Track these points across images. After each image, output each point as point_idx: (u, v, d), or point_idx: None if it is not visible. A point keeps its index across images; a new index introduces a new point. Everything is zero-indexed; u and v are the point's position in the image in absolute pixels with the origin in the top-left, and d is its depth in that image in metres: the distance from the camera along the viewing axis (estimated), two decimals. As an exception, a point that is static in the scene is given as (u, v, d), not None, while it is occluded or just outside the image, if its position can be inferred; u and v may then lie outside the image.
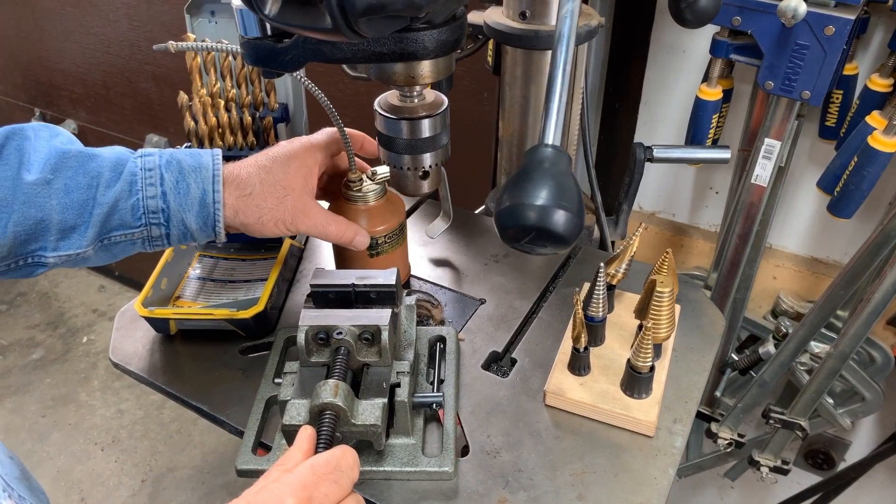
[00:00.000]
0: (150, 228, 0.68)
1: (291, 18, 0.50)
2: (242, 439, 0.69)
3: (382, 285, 0.67)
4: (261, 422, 0.71)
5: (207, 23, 0.89)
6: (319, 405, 0.58)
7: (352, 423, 0.59)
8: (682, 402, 0.72)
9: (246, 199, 0.69)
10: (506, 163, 1.03)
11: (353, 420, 0.59)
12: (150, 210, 0.67)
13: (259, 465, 0.66)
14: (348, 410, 0.58)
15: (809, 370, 1.26)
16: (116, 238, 0.68)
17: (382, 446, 0.63)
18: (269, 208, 0.70)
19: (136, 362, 0.79)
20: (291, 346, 0.79)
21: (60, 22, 1.95)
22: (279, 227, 0.71)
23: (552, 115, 0.47)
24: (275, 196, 0.70)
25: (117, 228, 0.67)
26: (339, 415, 0.58)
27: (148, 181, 0.67)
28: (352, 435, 0.61)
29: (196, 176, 0.68)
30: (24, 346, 2.41)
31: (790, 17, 0.87)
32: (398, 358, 0.68)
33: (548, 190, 0.43)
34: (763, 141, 1.03)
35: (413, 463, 0.65)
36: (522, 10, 0.87)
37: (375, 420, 0.60)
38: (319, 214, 0.73)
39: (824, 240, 1.28)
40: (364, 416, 0.60)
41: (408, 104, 0.67)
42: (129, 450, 2.06)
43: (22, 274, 0.67)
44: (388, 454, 0.65)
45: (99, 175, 0.66)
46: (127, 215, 0.67)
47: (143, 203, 0.67)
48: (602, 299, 0.72)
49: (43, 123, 0.68)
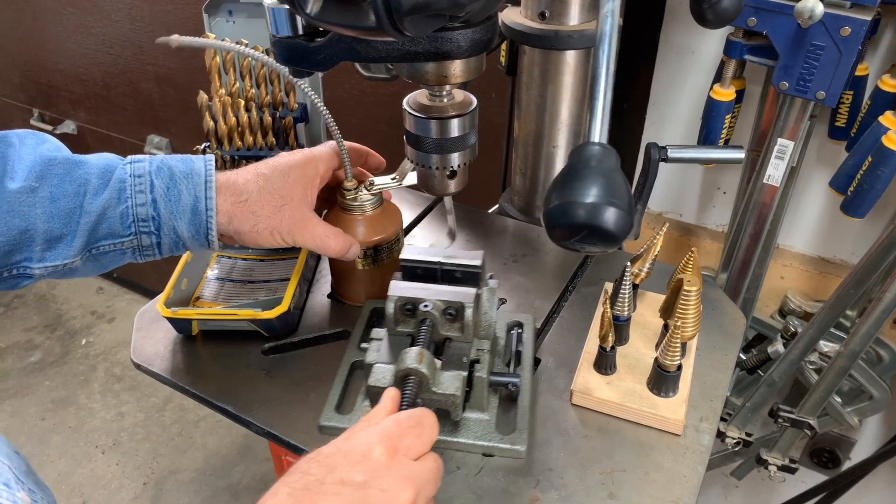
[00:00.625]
0: (140, 237, 0.66)
1: (333, 17, 0.50)
2: (328, 398, 0.72)
3: (468, 265, 0.70)
4: (345, 383, 0.74)
5: (225, 22, 0.89)
6: (404, 370, 0.60)
7: (433, 390, 0.62)
8: (707, 400, 0.72)
9: (241, 205, 0.67)
10: (521, 163, 1.04)
11: (434, 388, 0.62)
12: (139, 218, 0.65)
13: (341, 423, 0.69)
14: (430, 378, 0.61)
15: (818, 369, 1.27)
16: (105, 247, 0.66)
17: (459, 417, 0.66)
18: (265, 216, 0.68)
19: (159, 363, 0.78)
20: (377, 316, 0.82)
21: (61, 22, 1.93)
22: (275, 236, 0.70)
23: (597, 113, 0.47)
24: (272, 204, 0.68)
25: (106, 237, 0.65)
26: (421, 381, 0.61)
27: (137, 188, 0.65)
28: (431, 403, 0.63)
29: (188, 182, 0.66)
30: (23, 348, 2.39)
31: (807, 17, 0.88)
32: (478, 336, 0.70)
33: (598, 187, 0.43)
34: (776, 141, 1.04)
35: (487, 437, 0.67)
36: (542, 10, 0.87)
37: (455, 390, 0.62)
38: (318, 226, 0.72)
39: (832, 239, 1.29)
40: (445, 386, 0.62)
41: (437, 103, 0.67)
42: (130, 452, 2.04)
43: (7, 286, 0.65)
44: (463, 426, 0.68)
45: (86, 182, 0.64)
46: (116, 224, 0.65)
47: (133, 211, 0.65)
48: (628, 298, 0.73)
49: (30, 130, 0.66)
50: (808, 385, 1.27)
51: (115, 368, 2.31)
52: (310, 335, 0.82)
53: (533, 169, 1.01)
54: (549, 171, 1.00)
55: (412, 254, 0.71)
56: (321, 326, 0.83)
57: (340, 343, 0.81)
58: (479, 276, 0.70)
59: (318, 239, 0.72)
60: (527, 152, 1.01)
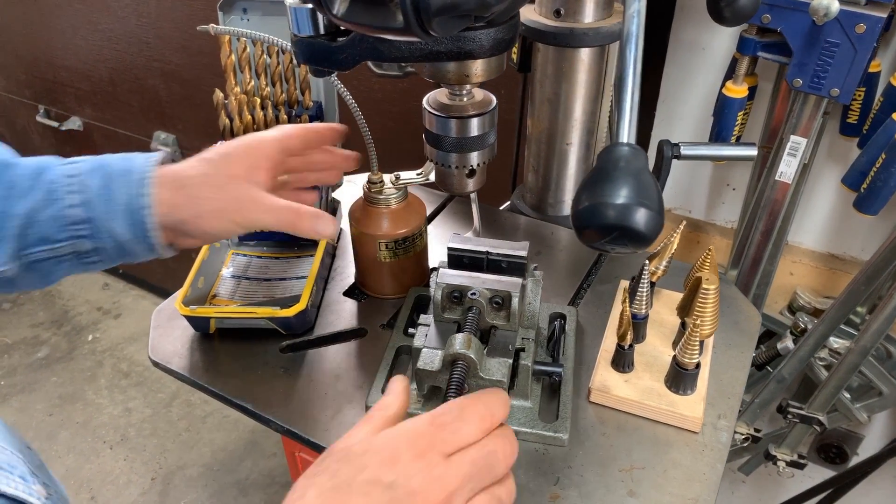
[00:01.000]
0: (76, 242, 0.61)
1: (360, 17, 0.50)
2: (374, 380, 0.74)
3: (514, 256, 0.71)
4: (391, 367, 0.75)
5: (240, 20, 0.89)
6: (453, 354, 0.62)
7: (480, 376, 0.63)
8: (724, 397, 0.73)
9: (181, 192, 0.62)
10: (534, 160, 1.04)
11: (482, 374, 0.63)
12: (72, 221, 0.60)
13: None
14: (478, 363, 0.62)
15: (828, 365, 1.27)
16: (39, 255, 0.61)
17: None
18: (208, 198, 0.63)
19: (177, 361, 0.78)
20: (421, 303, 0.85)
21: (67, 18, 1.93)
22: (222, 219, 0.64)
23: (625, 113, 0.47)
24: (214, 185, 0.63)
25: (38, 243, 0.60)
26: (469, 366, 0.62)
27: (70, 188, 0.60)
28: (478, 388, 0.64)
29: (123, 180, 0.61)
30: (29, 344, 2.40)
31: (822, 15, 0.88)
32: (523, 325, 0.72)
33: (628, 188, 0.43)
34: (788, 138, 1.04)
35: (530, 425, 0.69)
36: (557, 7, 0.87)
37: (502, 377, 0.63)
38: (271, 200, 0.65)
39: (841, 236, 1.30)
40: (492, 372, 0.64)
41: (457, 102, 0.67)
42: (137, 448, 2.05)
43: None
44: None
45: (13, 184, 0.59)
46: (48, 228, 0.60)
47: (64, 213, 0.60)
48: (646, 296, 0.73)
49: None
50: (818, 381, 1.28)
51: (121, 364, 2.31)
52: (326, 332, 0.82)
53: (546, 166, 1.01)
54: (563, 168, 1.01)
55: (458, 242, 0.73)
56: (337, 324, 0.84)
57: (357, 341, 0.82)
58: (525, 266, 0.72)
59: (276, 212, 0.65)
60: (540, 149, 1.01)
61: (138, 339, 2.39)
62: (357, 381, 0.76)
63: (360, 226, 0.82)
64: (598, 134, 1.01)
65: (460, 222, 1.03)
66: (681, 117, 1.33)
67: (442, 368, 0.64)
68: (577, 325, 0.81)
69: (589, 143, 0.99)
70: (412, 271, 0.86)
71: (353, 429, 0.50)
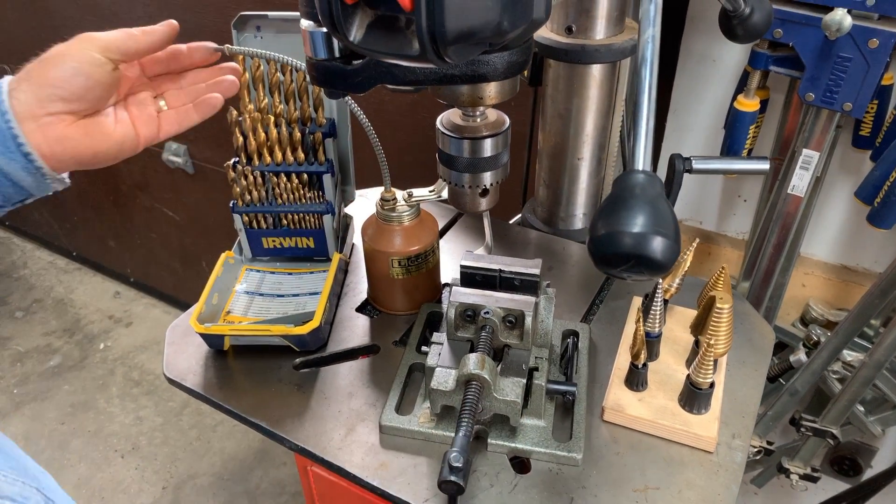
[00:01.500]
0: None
1: (377, 45, 0.50)
2: (387, 398, 0.74)
3: (527, 274, 0.72)
4: (404, 385, 0.75)
5: (253, 38, 0.89)
6: (467, 374, 0.62)
7: (494, 396, 0.64)
8: (739, 416, 0.72)
9: (25, 79, 0.60)
10: (545, 174, 1.04)
11: (496, 394, 0.64)
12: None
13: (401, 424, 0.71)
14: (492, 383, 0.63)
15: (841, 378, 1.27)
16: None
17: (518, 423, 0.67)
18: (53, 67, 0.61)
19: (192, 378, 0.79)
20: (434, 319, 0.85)
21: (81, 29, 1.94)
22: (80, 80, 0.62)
23: (641, 140, 0.47)
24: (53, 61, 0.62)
25: None
26: (483, 386, 0.62)
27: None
28: (491, 408, 0.65)
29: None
30: (42, 352, 2.41)
31: (835, 30, 0.88)
32: (536, 344, 0.72)
33: (644, 216, 0.43)
34: (801, 152, 1.04)
35: (544, 444, 0.69)
36: (569, 24, 0.87)
37: (516, 397, 0.64)
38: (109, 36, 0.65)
39: (854, 248, 1.29)
40: (505, 392, 0.64)
41: (470, 123, 0.67)
42: (149, 457, 2.06)
43: None
44: (521, 432, 0.69)
45: None
46: None
47: None
48: (660, 314, 0.73)
49: None
50: (831, 394, 1.27)
51: (132, 373, 2.32)
52: (339, 349, 0.82)
53: (557, 181, 1.02)
54: (574, 183, 1.01)
55: (471, 260, 0.73)
56: (350, 340, 0.84)
57: (370, 357, 0.82)
58: (538, 284, 0.72)
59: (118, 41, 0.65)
60: (551, 164, 1.01)
61: (149, 347, 2.40)
62: (370, 399, 0.76)
63: (372, 242, 0.83)
64: (610, 149, 1.01)
65: (472, 237, 1.03)
66: (691, 128, 1.33)
67: (456, 388, 0.64)
68: (590, 343, 0.81)
69: (600, 157, 1.00)
70: (424, 287, 0.87)
71: None
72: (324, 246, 0.91)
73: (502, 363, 0.69)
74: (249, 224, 0.89)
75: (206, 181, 2.08)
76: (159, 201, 2.29)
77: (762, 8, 0.76)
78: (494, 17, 0.46)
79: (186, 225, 2.28)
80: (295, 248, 0.91)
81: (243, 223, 0.89)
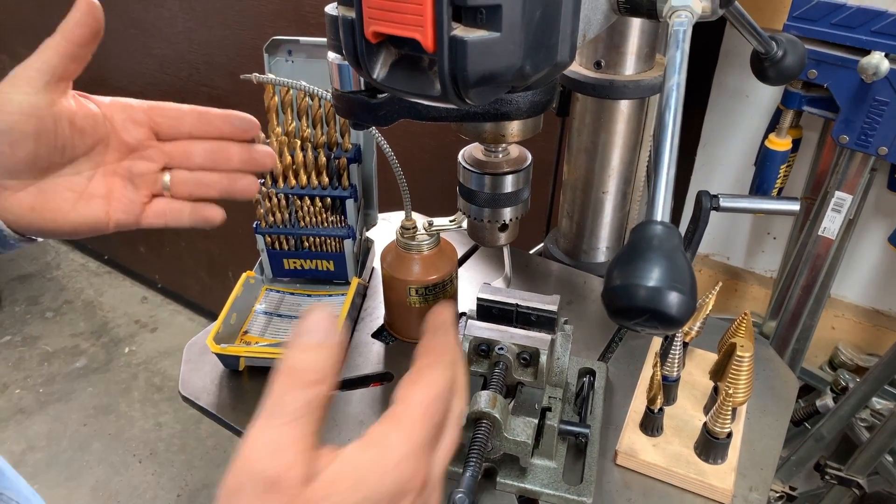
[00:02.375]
0: None
1: (399, 84, 0.50)
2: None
3: (544, 310, 0.71)
4: None
5: (284, 62, 0.91)
6: (477, 412, 0.61)
7: (504, 436, 0.63)
8: (757, 468, 0.70)
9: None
10: (569, 206, 1.03)
11: (506, 434, 0.63)
12: None
13: None
14: (503, 423, 0.62)
15: (870, 426, 1.23)
16: None
17: (528, 465, 0.66)
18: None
19: (206, 398, 0.80)
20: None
21: (122, 42, 2.01)
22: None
23: (660, 190, 0.46)
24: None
25: None
26: (493, 425, 0.62)
27: None
28: (501, 447, 0.64)
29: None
30: (69, 353, 2.46)
31: (871, 73, 0.86)
32: (550, 383, 0.71)
33: (660, 269, 0.42)
34: (833, 194, 1.02)
35: (554, 486, 0.67)
36: (598, 59, 0.87)
37: (527, 438, 0.63)
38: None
39: (887, 291, 1.25)
40: (516, 433, 0.63)
41: (492, 159, 0.67)
42: (165, 463, 2.08)
43: None
44: (531, 473, 0.68)
45: None
46: None
47: None
48: (678, 358, 0.71)
49: None
50: (858, 442, 1.23)
51: (155, 378, 2.36)
52: (353, 375, 0.82)
53: (581, 213, 1.01)
54: (598, 216, 1.00)
55: (488, 293, 0.73)
56: (364, 367, 0.84)
57: (383, 385, 0.82)
58: (555, 321, 0.71)
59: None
60: (575, 196, 1.00)
61: (172, 354, 2.43)
62: (381, 429, 0.75)
63: (391, 270, 0.83)
64: (636, 183, 1.00)
65: (491, 266, 1.03)
66: (721, 163, 1.31)
67: (466, 425, 0.64)
68: (607, 382, 0.79)
69: (626, 191, 0.99)
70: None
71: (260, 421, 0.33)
72: (343, 270, 0.91)
73: (515, 401, 0.68)
74: (272, 245, 0.90)
75: (236, 193, 2.12)
76: (190, 210, 2.33)
77: (795, 51, 0.75)
78: (517, 62, 0.46)
79: (214, 234, 2.32)
80: (315, 270, 0.92)
81: (265, 244, 0.90)
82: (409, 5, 0.44)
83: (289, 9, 1.61)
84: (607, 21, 0.59)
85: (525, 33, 0.45)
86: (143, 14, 1.89)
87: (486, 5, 0.43)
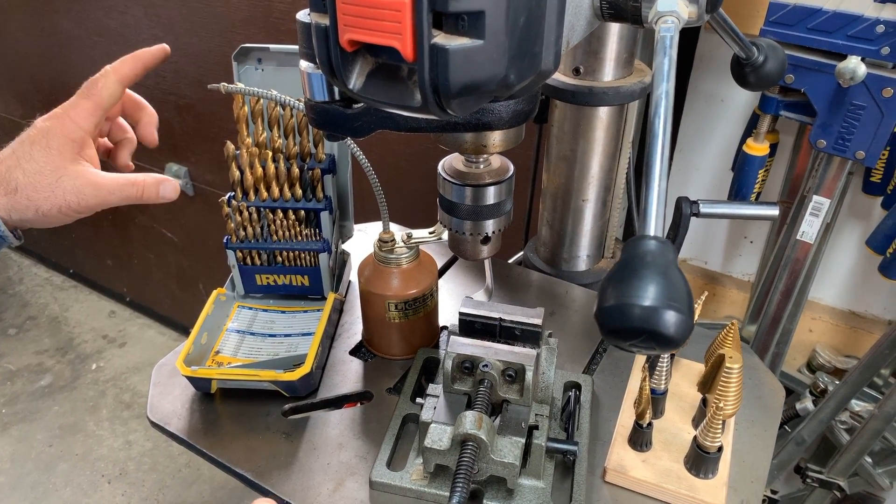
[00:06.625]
0: None
1: (376, 94, 0.48)
2: (379, 451, 0.69)
3: (529, 324, 0.69)
4: (397, 437, 0.71)
5: (254, 70, 0.88)
6: (463, 434, 0.59)
7: (491, 457, 0.60)
8: (747, 481, 0.69)
9: (13, 196, 0.61)
10: (548, 214, 1.01)
11: (492, 455, 0.61)
12: None
13: (392, 480, 0.66)
14: (489, 444, 0.60)
15: (849, 429, 1.23)
16: None
17: (516, 485, 0.63)
18: (45, 199, 0.62)
19: (176, 423, 0.76)
20: (430, 365, 0.81)
21: (86, 50, 1.94)
22: (66, 213, 0.64)
23: (653, 203, 0.44)
24: (45, 184, 0.62)
25: None
26: (480, 447, 0.59)
27: None
28: (488, 469, 0.62)
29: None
30: (33, 371, 2.38)
31: (848, 78, 0.86)
32: (536, 399, 0.69)
33: (656, 287, 0.40)
34: (811, 198, 1.01)
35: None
36: (576, 65, 0.85)
37: (514, 459, 0.61)
38: (110, 181, 0.65)
39: (864, 293, 1.26)
40: (503, 454, 0.61)
41: (473, 170, 0.64)
42: (136, 483, 2.01)
43: None
44: (518, 494, 0.65)
45: None
46: None
47: None
48: (666, 371, 0.70)
49: None
50: (838, 444, 1.23)
51: (124, 395, 2.28)
52: (331, 395, 0.79)
53: (561, 221, 0.99)
54: (578, 224, 0.98)
55: (471, 307, 0.71)
56: (343, 386, 0.81)
57: (362, 405, 0.79)
58: (539, 335, 0.69)
59: (116, 191, 0.65)
60: (555, 204, 0.99)
61: (142, 369, 2.36)
62: (361, 451, 0.72)
63: (368, 285, 0.80)
64: (615, 191, 0.99)
65: (472, 277, 1.00)
66: (697, 167, 1.31)
67: (451, 447, 0.61)
68: (593, 395, 0.77)
69: (605, 199, 0.97)
70: (422, 332, 0.84)
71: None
72: (319, 285, 0.88)
73: (500, 419, 0.66)
74: (243, 260, 0.86)
75: (206, 204, 2.06)
76: (158, 222, 2.26)
77: (776, 56, 0.75)
78: (500, 71, 0.44)
79: (185, 246, 2.26)
80: (289, 285, 0.89)
81: (237, 259, 0.86)
82: (387, 12, 0.41)
83: (258, 15, 1.57)
84: (590, 27, 0.58)
85: (509, 41, 0.43)
86: (107, 21, 1.84)
87: (468, 11, 0.41)
